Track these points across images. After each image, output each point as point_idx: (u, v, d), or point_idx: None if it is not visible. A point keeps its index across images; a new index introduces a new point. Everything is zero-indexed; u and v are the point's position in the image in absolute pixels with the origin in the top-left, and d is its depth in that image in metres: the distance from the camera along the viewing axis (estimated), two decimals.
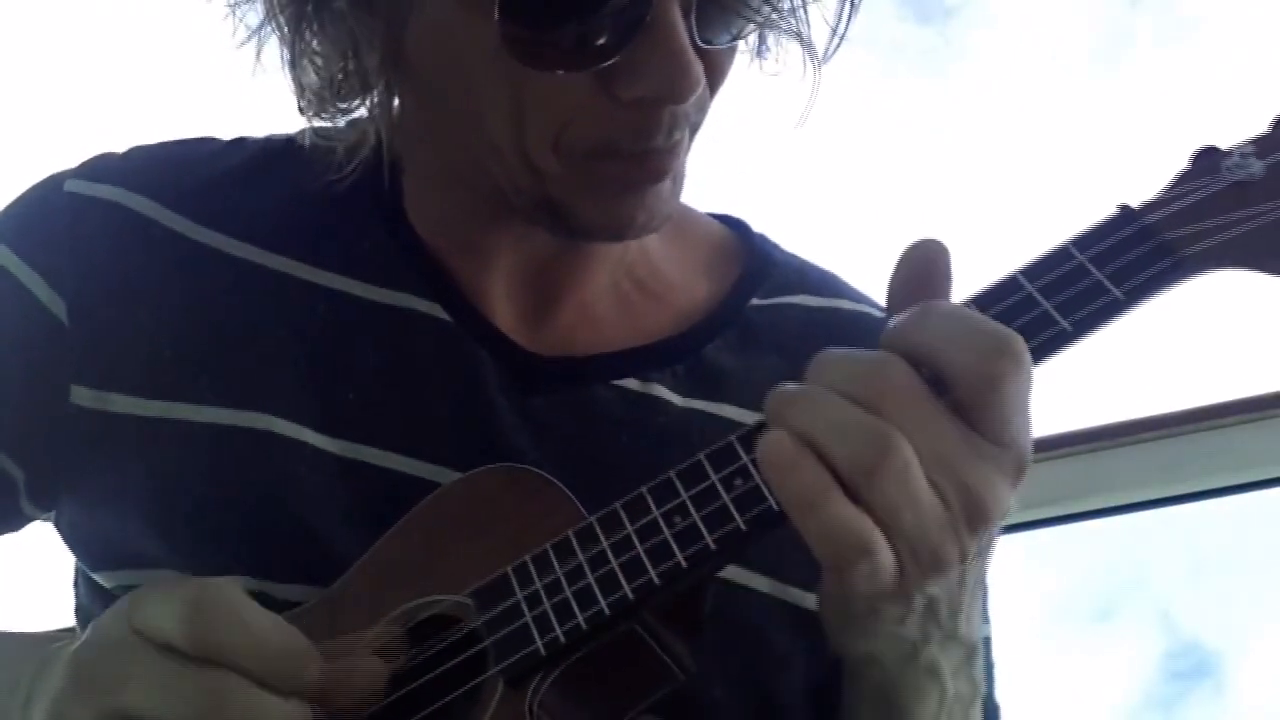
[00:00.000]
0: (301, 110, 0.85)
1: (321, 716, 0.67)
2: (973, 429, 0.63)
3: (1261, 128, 0.70)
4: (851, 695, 0.79)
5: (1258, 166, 0.69)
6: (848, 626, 0.72)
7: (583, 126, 0.75)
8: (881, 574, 0.63)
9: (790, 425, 0.64)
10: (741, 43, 0.79)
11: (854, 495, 0.62)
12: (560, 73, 0.72)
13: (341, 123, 0.86)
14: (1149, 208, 0.70)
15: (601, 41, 0.71)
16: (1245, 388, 1.79)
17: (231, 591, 0.66)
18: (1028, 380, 0.64)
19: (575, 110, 0.74)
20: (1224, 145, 0.71)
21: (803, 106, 0.83)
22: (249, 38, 0.81)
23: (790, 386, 0.66)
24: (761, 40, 0.82)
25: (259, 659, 0.64)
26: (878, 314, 0.95)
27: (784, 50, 0.83)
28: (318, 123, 0.87)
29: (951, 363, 0.63)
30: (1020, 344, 0.63)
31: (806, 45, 0.80)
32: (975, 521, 0.64)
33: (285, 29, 0.78)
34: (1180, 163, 0.71)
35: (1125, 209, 0.70)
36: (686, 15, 0.72)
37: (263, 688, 0.64)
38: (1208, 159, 0.71)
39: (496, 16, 0.70)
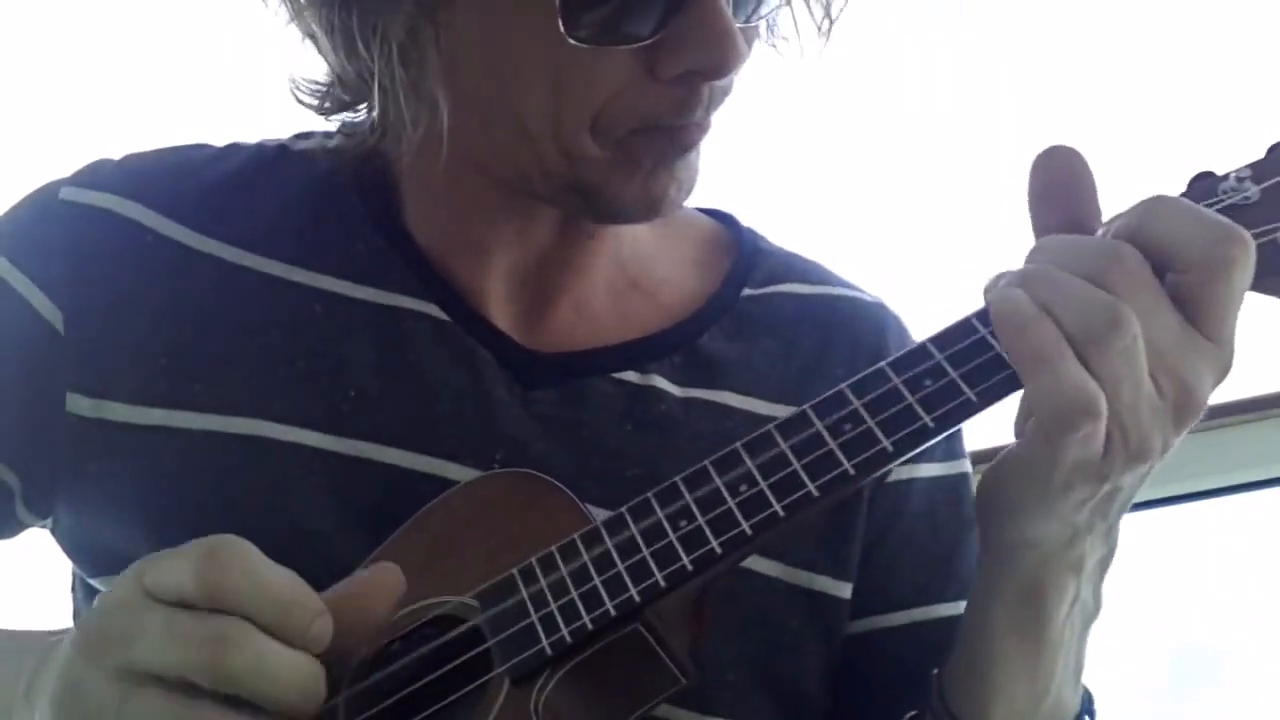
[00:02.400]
0: (304, 102, 0.85)
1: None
2: (1191, 322, 0.65)
3: (1258, 154, 0.71)
4: (986, 594, 0.78)
5: (1253, 190, 0.70)
6: (1028, 504, 0.71)
7: (623, 105, 0.75)
8: (1095, 441, 0.65)
9: (1030, 293, 0.66)
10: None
11: (1084, 361, 0.64)
12: (611, 48, 0.73)
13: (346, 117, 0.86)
14: None
15: (651, 16, 0.72)
16: (1245, 388, 1.79)
17: (243, 544, 0.65)
18: (1251, 273, 0.66)
19: (616, 89, 0.75)
20: (1220, 170, 0.71)
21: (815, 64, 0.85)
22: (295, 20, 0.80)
23: (1026, 267, 0.67)
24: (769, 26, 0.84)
25: (269, 605, 0.64)
26: (867, 299, 0.97)
27: (793, 31, 0.84)
28: (320, 120, 0.86)
29: (1187, 246, 0.65)
30: (1249, 236, 0.65)
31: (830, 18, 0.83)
32: (1183, 415, 0.66)
33: (318, 15, 0.77)
34: (1180, 183, 0.72)
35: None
36: None
37: (271, 635, 0.64)
38: (1204, 183, 0.72)
39: None
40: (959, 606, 0.87)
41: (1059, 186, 0.70)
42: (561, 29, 0.71)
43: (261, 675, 0.63)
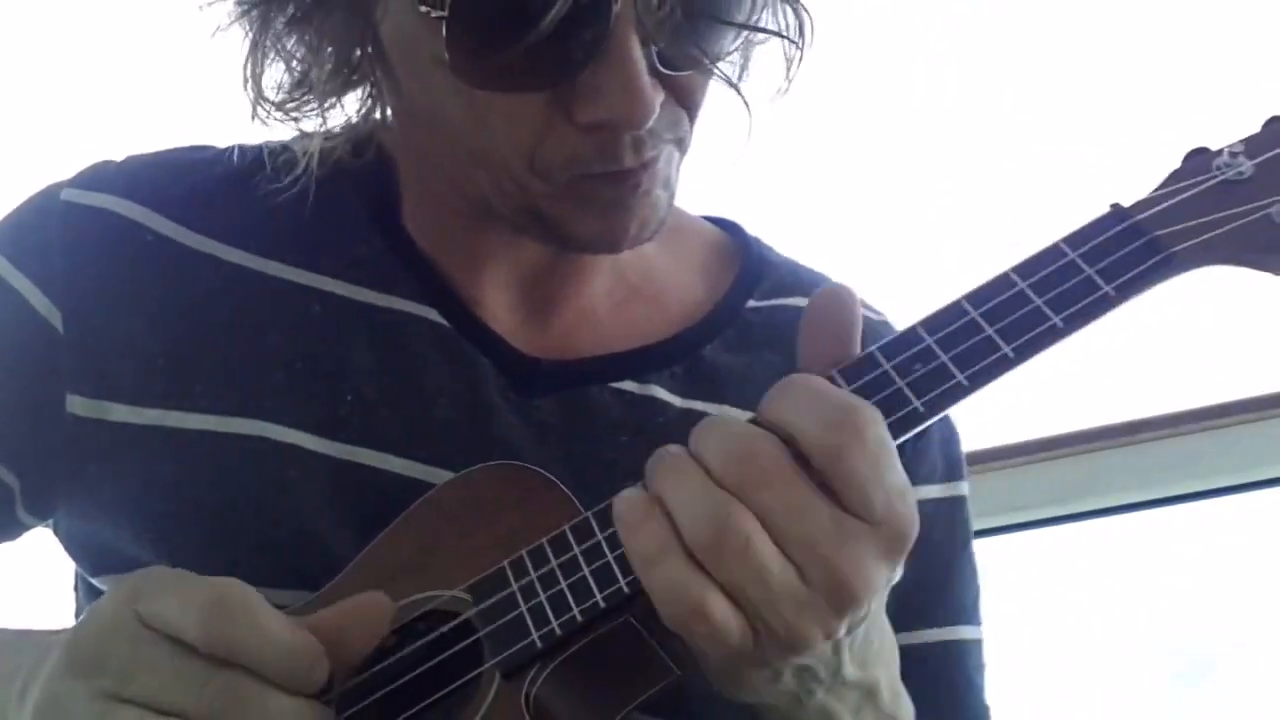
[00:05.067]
0: (260, 117, 0.84)
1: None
2: (839, 506, 0.63)
3: (1253, 128, 0.71)
4: None
5: (1247, 166, 0.69)
6: (719, 683, 0.71)
7: (550, 148, 0.74)
8: (726, 638, 0.63)
9: (651, 488, 0.66)
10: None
11: (701, 563, 0.63)
12: (508, 94, 0.72)
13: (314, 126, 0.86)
14: (1140, 206, 0.71)
15: (553, 64, 0.71)
16: (1245, 388, 1.79)
17: (246, 592, 0.66)
18: (877, 450, 0.64)
19: (536, 133, 0.74)
20: (1214, 146, 0.71)
21: (757, 131, 0.82)
22: (250, 52, 0.80)
23: (670, 450, 0.67)
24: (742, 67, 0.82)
25: (273, 658, 0.64)
26: (873, 315, 0.96)
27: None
28: (279, 129, 0.86)
29: (802, 435, 0.64)
30: (866, 415, 0.64)
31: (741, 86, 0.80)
32: (840, 601, 0.63)
33: (261, 25, 0.77)
34: (1175, 159, 0.72)
35: (1116, 207, 0.71)
36: (645, 44, 0.71)
37: (276, 688, 0.64)
38: (1198, 158, 0.72)
39: (443, 32, 0.69)
40: (949, 631, 0.88)
41: (823, 328, 0.70)
42: (453, 72, 0.70)
43: None
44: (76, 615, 0.93)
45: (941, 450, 0.92)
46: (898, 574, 0.66)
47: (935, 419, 0.69)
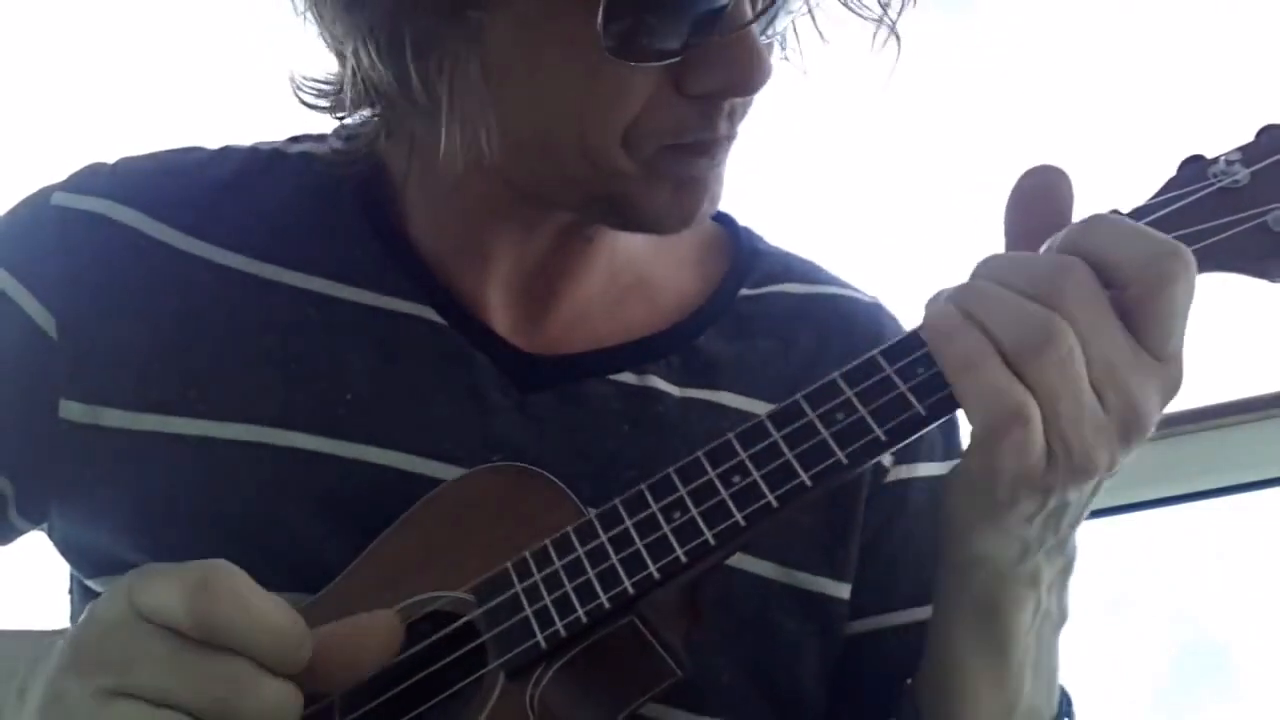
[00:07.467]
0: (309, 104, 0.84)
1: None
2: (1137, 340, 0.65)
3: (1248, 136, 0.71)
4: (945, 610, 0.78)
5: (1243, 174, 0.70)
6: (975, 519, 0.72)
7: (651, 120, 0.75)
8: (1031, 451, 0.64)
9: (962, 307, 0.66)
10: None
11: (1018, 373, 0.64)
12: (644, 65, 0.73)
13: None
14: (1138, 212, 0.71)
15: (681, 33, 0.72)
16: (1245, 388, 1.79)
17: (234, 573, 0.65)
18: (1193, 290, 0.65)
19: (644, 105, 0.75)
20: (1210, 154, 0.72)
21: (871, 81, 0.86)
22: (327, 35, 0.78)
23: (964, 282, 0.68)
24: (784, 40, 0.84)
25: (265, 638, 0.64)
26: (864, 299, 0.97)
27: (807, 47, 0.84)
28: (312, 122, 0.86)
29: (1126, 262, 0.65)
30: (1190, 256, 0.65)
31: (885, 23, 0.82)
32: (1130, 432, 0.65)
33: (361, 26, 0.75)
34: (1171, 166, 0.72)
35: (1115, 214, 0.71)
36: (754, 8, 0.74)
37: (270, 673, 0.64)
38: (1194, 166, 0.72)
39: (601, 10, 0.70)
40: None
41: (1034, 207, 0.70)
42: (602, 43, 0.71)
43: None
44: (72, 618, 0.92)
45: (941, 430, 0.92)
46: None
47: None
